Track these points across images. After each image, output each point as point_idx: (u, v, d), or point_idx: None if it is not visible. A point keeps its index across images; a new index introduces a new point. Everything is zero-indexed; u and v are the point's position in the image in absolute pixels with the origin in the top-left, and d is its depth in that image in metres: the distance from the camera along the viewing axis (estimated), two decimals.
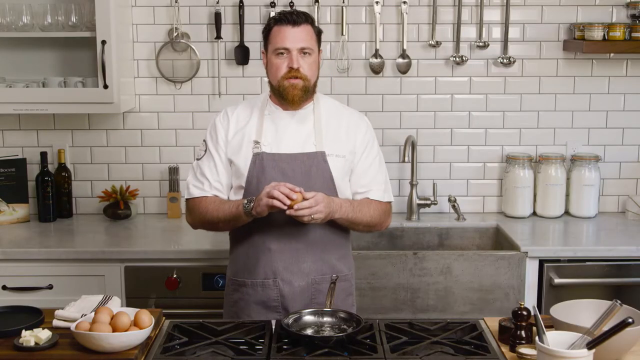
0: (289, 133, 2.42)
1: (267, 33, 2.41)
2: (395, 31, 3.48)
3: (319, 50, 2.44)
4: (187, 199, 2.50)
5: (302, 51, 2.36)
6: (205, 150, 2.48)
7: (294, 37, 2.35)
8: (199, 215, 2.45)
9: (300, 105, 2.42)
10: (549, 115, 3.55)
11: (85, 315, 2.12)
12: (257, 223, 2.38)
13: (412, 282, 3.01)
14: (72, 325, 2.01)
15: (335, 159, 2.42)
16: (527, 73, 3.52)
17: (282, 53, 2.36)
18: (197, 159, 2.50)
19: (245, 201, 2.32)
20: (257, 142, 2.41)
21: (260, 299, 2.43)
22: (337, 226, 2.45)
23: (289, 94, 2.37)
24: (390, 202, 2.55)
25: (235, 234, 2.50)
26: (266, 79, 3.47)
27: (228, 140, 2.45)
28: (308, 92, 2.40)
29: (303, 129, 2.43)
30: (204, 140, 2.50)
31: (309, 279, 2.41)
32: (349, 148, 2.45)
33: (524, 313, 2.03)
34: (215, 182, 2.44)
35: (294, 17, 2.36)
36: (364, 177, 2.49)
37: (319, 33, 2.44)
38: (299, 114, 2.44)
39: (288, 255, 2.40)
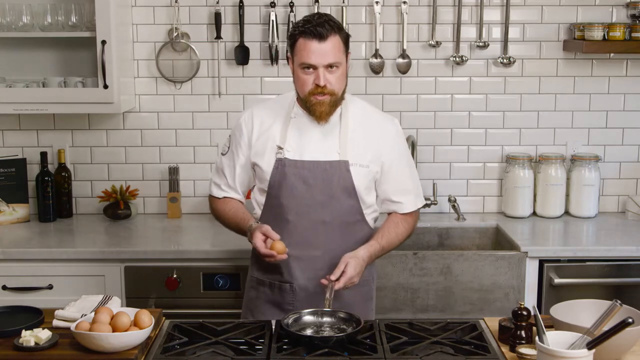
0: (313, 140, 2.38)
1: (292, 42, 2.31)
2: (395, 31, 3.48)
3: (348, 54, 2.34)
4: (209, 194, 2.58)
5: (330, 66, 2.27)
6: (229, 147, 2.50)
7: (320, 52, 2.24)
8: (215, 213, 2.56)
9: (329, 118, 2.36)
10: (549, 115, 3.55)
11: (85, 315, 2.12)
12: (276, 228, 2.36)
13: (412, 282, 3.01)
14: (72, 325, 2.01)
15: (359, 168, 2.38)
16: (527, 73, 3.52)
17: (308, 68, 2.28)
18: (222, 154, 2.53)
19: (249, 226, 2.37)
20: (280, 148, 2.38)
21: (276, 300, 2.45)
22: (356, 233, 2.44)
23: (316, 110, 2.32)
24: (420, 205, 2.56)
25: None
26: (267, 79, 3.51)
27: (252, 143, 2.43)
28: (336, 105, 2.35)
29: (328, 136, 2.39)
30: (230, 136, 2.52)
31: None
32: (374, 158, 2.40)
33: (524, 313, 2.03)
34: (232, 181, 2.49)
35: (319, 31, 2.24)
36: (396, 185, 2.46)
37: (346, 38, 2.33)
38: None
39: (306, 262, 2.40)
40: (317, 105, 2.31)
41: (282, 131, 2.40)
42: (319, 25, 2.25)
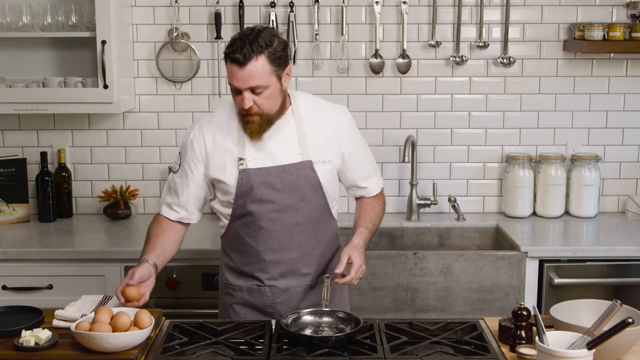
0: (272, 143, 2.34)
1: (225, 62, 2.27)
2: (395, 31, 3.48)
3: (282, 74, 2.27)
4: (157, 212, 2.49)
5: (254, 90, 2.23)
6: (180, 165, 2.42)
7: (241, 77, 2.21)
8: (148, 229, 2.46)
9: (262, 136, 2.32)
10: (549, 115, 3.55)
11: (85, 315, 2.12)
12: (248, 236, 2.38)
13: (412, 282, 3.01)
14: (72, 325, 2.01)
15: (322, 165, 2.37)
16: (527, 73, 3.52)
17: (235, 89, 2.25)
18: (173, 172, 2.45)
19: (143, 258, 2.34)
20: (241, 159, 2.33)
21: (255, 304, 2.44)
22: (325, 229, 2.45)
23: (247, 129, 2.30)
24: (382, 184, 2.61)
25: (227, 243, 2.48)
26: None
27: (207, 159, 2.37)
28: (270, 123, 2.30)
29: (285, 137, 2.36)
30: (179, 154, 2.44)
31: (305, 284, 2.42)
32: (334, 151, 2.41)
33: (524, 313, 2.03)
34: (184, 199, 2.42)
35: (238, 58, 2.19)
36: (359, 171, 2.49)
37: (277, 58, 2.24)
38: (279, 122, 2.34)
39: (283, 265, 2.40)
40: (248, 124, 2.29)
41: (238, 142, 2.35)
42: (239, 50, 2.20)
